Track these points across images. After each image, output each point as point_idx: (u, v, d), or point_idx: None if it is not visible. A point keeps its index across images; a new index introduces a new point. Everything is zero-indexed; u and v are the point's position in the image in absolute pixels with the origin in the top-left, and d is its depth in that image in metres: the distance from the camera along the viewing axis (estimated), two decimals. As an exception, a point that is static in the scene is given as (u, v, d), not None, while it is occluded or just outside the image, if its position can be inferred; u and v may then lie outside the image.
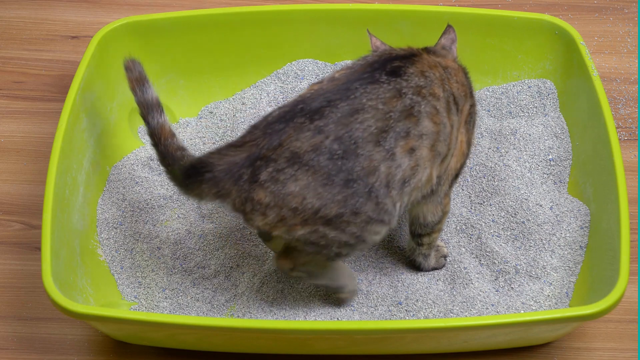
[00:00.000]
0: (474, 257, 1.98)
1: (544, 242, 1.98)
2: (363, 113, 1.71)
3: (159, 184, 2.10)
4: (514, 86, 2.19)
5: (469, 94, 1.86)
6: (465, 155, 1.87)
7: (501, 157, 2.09)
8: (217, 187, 1.73)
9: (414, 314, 1.90)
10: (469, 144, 1.87)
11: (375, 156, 1.71)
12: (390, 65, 1.76)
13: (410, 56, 1.79)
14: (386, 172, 1.72)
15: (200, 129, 2.18)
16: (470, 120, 1.86)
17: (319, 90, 1.74)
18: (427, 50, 1.87)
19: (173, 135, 1.80)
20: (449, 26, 1.93)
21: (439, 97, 1.76)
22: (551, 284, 1.94)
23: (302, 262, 1.81)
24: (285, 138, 1.70)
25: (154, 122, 1.81)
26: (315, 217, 1.71)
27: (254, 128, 1.75)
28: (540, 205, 2.02)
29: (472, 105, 1.86)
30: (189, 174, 1.74)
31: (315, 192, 1.70)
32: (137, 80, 1.85)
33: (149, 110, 1.82)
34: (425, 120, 1.74)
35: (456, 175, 1.87)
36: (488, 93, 2.19)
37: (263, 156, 1.71)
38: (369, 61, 1.78)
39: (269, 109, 2.16)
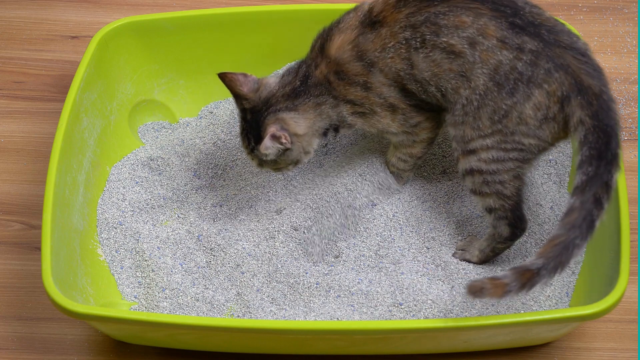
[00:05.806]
0: (474, 257, 1.98)
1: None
2: None
3: (159, 184, 2.10)
4: (514, 86, 2.18)
5: None
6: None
7: (501, 157, 2.09)
8: None
9: (414, 314, 1.90)
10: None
11: None
12: None
13: None
14: None
15: (200, 129, 2.18)
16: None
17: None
18: None
19: None
20: None
21: None
22: (551, 284, 1.94)
23: None
24: None
25: None
26: None
27: None
28: (541, 205, 2.02)
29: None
30: None
31: None
32: None
33: None
34: None
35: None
36: (488, 93, 2.19)
37: None
38: None
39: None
